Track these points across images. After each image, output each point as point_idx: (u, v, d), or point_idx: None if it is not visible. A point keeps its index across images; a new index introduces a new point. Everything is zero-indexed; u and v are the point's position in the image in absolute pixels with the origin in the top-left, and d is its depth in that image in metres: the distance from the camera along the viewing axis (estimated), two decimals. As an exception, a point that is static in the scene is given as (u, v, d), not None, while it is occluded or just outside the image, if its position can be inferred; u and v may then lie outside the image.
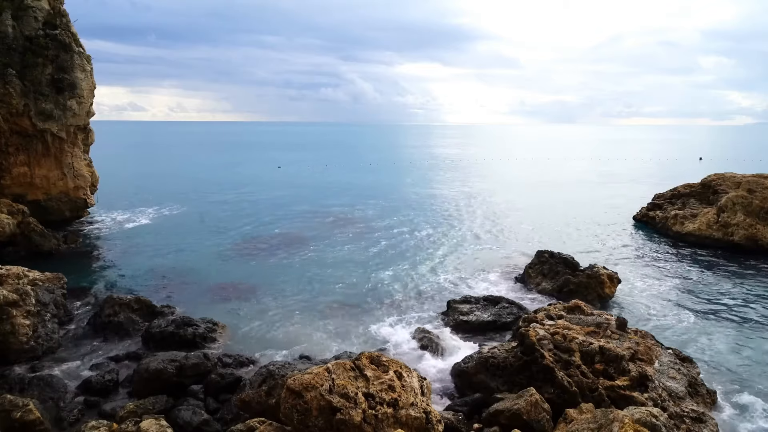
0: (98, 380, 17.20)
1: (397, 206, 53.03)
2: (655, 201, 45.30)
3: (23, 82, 34.81)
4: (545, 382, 15.63)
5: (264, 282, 28.34)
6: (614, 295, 26.07)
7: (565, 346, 16.42)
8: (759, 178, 37.73)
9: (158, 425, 13.40)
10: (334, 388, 12.30)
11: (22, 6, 35.51)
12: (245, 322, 23.08)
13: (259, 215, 47.60)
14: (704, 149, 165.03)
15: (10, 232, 32.35)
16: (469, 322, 22.13)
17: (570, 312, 19.80)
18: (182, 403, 15.97)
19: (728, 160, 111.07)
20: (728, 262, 32.53)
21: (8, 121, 34.98)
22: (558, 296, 25.38)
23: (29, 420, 14.10)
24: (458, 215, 48.55)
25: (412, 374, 13.83)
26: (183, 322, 21.23)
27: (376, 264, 32.19)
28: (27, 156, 36.70)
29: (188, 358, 17.71)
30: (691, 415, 14.67)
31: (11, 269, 21.34)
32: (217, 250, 35.45)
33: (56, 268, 25.76)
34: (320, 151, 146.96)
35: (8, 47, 34.45)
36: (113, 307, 22.48)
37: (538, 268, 28.22)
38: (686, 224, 38.71)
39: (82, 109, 38.08)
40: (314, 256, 33.82)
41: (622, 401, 14.59)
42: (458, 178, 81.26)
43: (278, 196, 59.34)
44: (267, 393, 14.75)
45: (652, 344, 17.64)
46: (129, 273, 29.99)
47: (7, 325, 18.83)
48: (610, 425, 11.56)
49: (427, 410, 12.85)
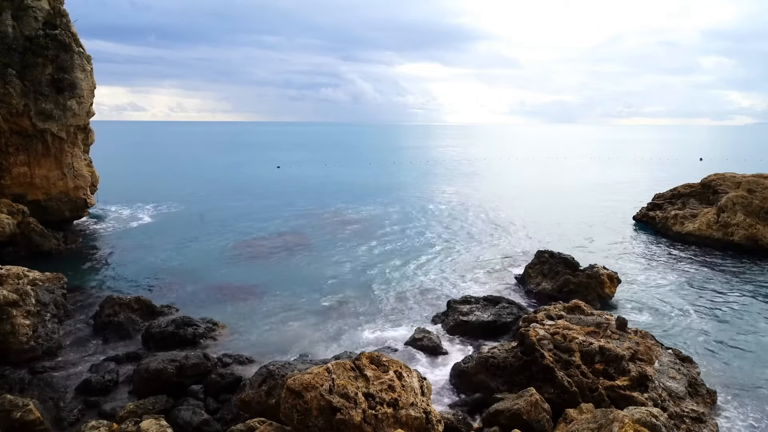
0: (98, 380, 17.20)
1: (397, 206, 53.04)
2: (655, 201, 45.30)
3: (23, 82, 34.81)
4: (545, 382, 15.63)
5: (264, 282, 28.34)
6: (614, 295, 26.07)
7: (565, 346, 16.43)
8: (759, 178, 37.74)
9: (158, 425, 13.39)
10: (334, 388, 12.30)
11: (22, 6, 35.51)
12: (245, 322, 23.08)
13: (259, 215, 47.59)
14: (704, 149, 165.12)
15: (10, 232, 32.35)
16: (469, 322, 22.11)
17: (570, 312, 19.80)
18: (182, 403, 15.96)
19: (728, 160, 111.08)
20: (728, 262, 32.53)
21: (8, 121, 34.98)
22: (558, 296, 25.36)
23: (29, 420, 14.10)
24: (458, 215, 48.54)
25: (412, 374, 13.83)
26: (183, 322, 21.24)
27: (376, 264, 32.19)
28: (27, 156, 36.70)
29: (188, 358, 17.71)
30: (691, 415, 14.67)
31: (11, 269, 21.35)
32: (217, 250, 35.46)
33: (56, 268, 25.78)
34: (320, 151, 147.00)
35: (8, 47, 34.45)
36: (113, 307, 22.48)
37: (538, 268, 28.20)
38: (686, 224, 38.71)
39: (82, 109, 38.08)
40: (314, 256, 33.82)
41: (622, 401, 14.59)
42: (458, 178, 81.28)
43: (278, 196, 59.35)
44: (267, 393, 14.75)
45: (652, 344, 17.64)
46: (129, 273, 29.99)
47: (7, 325, 18.83)
48: (610, 425, 11.56)
49: (427, 410, 12.85)
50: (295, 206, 52.61)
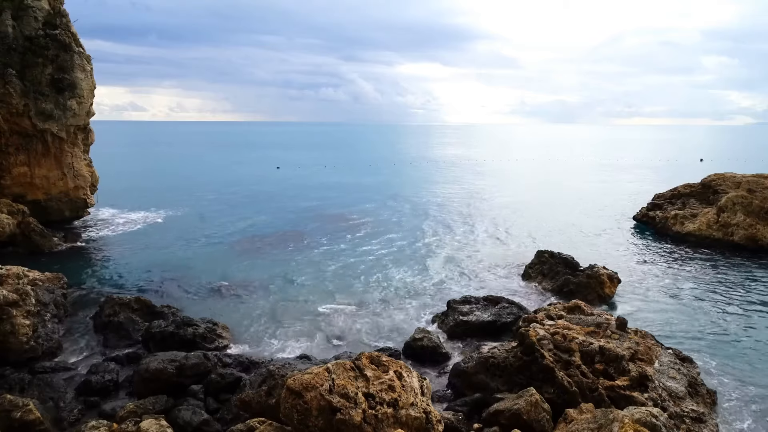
0: (98, 380, 17.20)
1: (397, 206, 53.05)
2: (655, 201, 45.29)
3: (23, 82, 34.82)
4: (545, 382, 15.62)
5: (264, 282, 28.35)
6: (614, 295, 26.07)
7: (565, 346, 16.42)
8: (759, 178, 37.75)
9: (158, 425, 13.39)
10: (334, 388, 12.29)
11: (22, 6, 35.52)
12: (245, 322, 23.09)
13: (259, 215, 47.60)
14: (704, 149, 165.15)
15: (10, 232, 32.36)
16: (469, 322, 22.11)
17: (570, 312, 19.80)
18: (182, 403, 15.95)
19: (728, 160, 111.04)
20: (728, 262, 32.52)
21: (8, 121, 34.99)
22: (558, 296, 25.37)
23: (29, 420, 14.10)
24: (458, 215, 48.55)
25: (412, 374, 13.83)
26: (183, 322, 21.23)
27: (376, 264, 32.19)
28: (27, 156, 36.71)
29: (188, 358, 17.71)
30: (691, 415, 14.67)
31: (11, 269, 21.34)
32: (217, 250, 35.47)
33: (56, 268, 25.80)
34: (320, 151, 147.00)
35: (8, 47, 34.46)
36: (113, 307, 22.47)
37: (538, 268, 28.22)
38: (686, 224, 38.71)
39: (82, 109, 38.09)
40: (314, 256, 33.81)
41: (622, 401, 14.58)
42: (458, 178, 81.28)
43: (278, 197, 59.35)
44: (267, 393, 14.74)
45: (652, 344, 17.63)
46: (129, 273, 29.99)
47: (7, 325, 18.83)
48: (610, 425, 11.55)
49: (427, 410, 12.85)
50: (295, 206, 52.61)
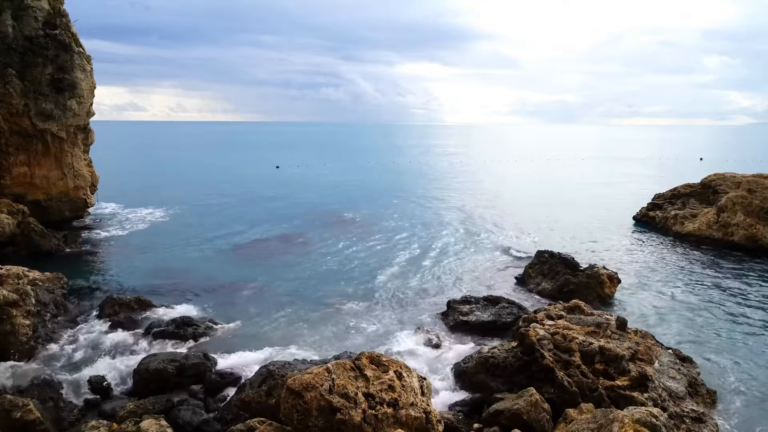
0: (98, 380, 17.21)
1: (397, 206, 53.03)
2: (655, 201, 45.30)
3: (23, 82, 34.82)
4: (545, 382, 15.63)
5: (264, 282, 28.34)
6: (614, 295, 26.06)
7: (565, 346, 16.42)
8: (759, 178, 37.73)
9: (158, 425, 13.39)
10: (334, 388, 12.30)
11: (22, 6, 35.50)
12: (245, 322, 23.07)
13: (259, 216, 47.58)
14: (704, 149, 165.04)
15: (10, 232, 32.34)
16: (469, 322, 22.12)
17: (570, 312, 19.80)
18: (182, 403, 15.97)
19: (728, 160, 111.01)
20: (728, 262, 32.51)
21: (8, 121, 34.98)
22: (558, 296, 25.36)
23: (29, 420, 14.09)
24: (458, 215, 48.53)
25: (412, 374, 13.83)
26: (183, 322, 21.25)
27: (376, 264, 32.18)
28: (27, 156, 36.71)
29: (188, 358, 17.73)
30: (691, 415, 14.67)
31: (11, 269, 21.35)
32: (216, 250, 35.46)
33: (56, 268, 25.78)
34: (320, 151, 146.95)
35: (8, 47, 34.45)
36: (113, 306, 22.49)
37: (538, 268, 28.21)
38: (686, 224, 38.71)
39: (82, 109, 38.08)
40: (314, 256, 33.81)
41: (622, 401, 14.59)
42: (458, 177, 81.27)
43: (278, 197, 59.33)
44: (267, 393, 14.76)
45: (652, 344, 17.64)
46: (129, 273, 29.98)
47: (7, 325, 18.83)
48: (610, 425, 11.56)
49: (427, 410, 12.85)
50: (294, 206, 52.58)
